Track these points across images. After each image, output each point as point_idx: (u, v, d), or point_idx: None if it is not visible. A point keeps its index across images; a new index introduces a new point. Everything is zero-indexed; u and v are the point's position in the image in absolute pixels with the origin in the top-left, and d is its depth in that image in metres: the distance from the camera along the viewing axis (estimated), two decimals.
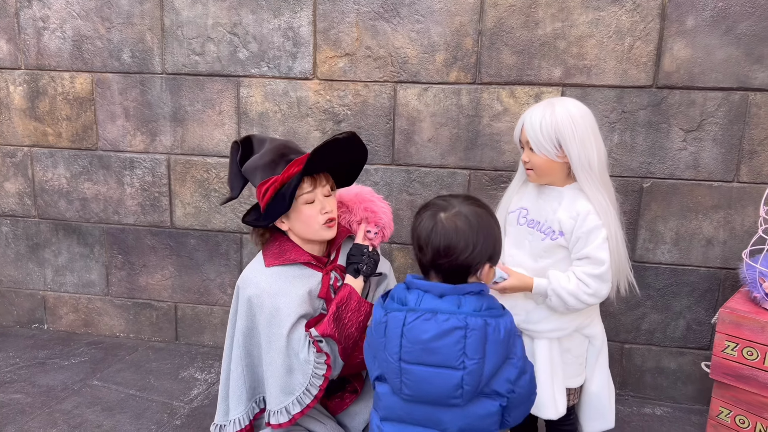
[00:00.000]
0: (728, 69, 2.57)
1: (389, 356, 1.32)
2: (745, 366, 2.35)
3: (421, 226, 1.39)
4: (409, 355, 1.30)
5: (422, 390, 1.31)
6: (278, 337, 1.69)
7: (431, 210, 1.41)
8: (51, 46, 3.15)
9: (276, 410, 1.70)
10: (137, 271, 3.36)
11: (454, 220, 1.36)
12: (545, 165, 1.80)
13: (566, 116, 1.73)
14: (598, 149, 1.77)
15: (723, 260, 2.73)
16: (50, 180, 3.32)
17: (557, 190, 1.85)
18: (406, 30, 2.79)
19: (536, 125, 1.75)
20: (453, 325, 1.28)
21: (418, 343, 1.29)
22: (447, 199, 1.43)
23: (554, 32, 2.66)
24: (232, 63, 2.99)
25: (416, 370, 1.30)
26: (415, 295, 1.35)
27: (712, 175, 2.67)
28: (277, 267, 1.75)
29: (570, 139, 1.73)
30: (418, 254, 1.41)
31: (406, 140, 2.90)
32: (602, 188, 1.79)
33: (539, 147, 1.77)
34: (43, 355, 3.21)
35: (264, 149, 1.71)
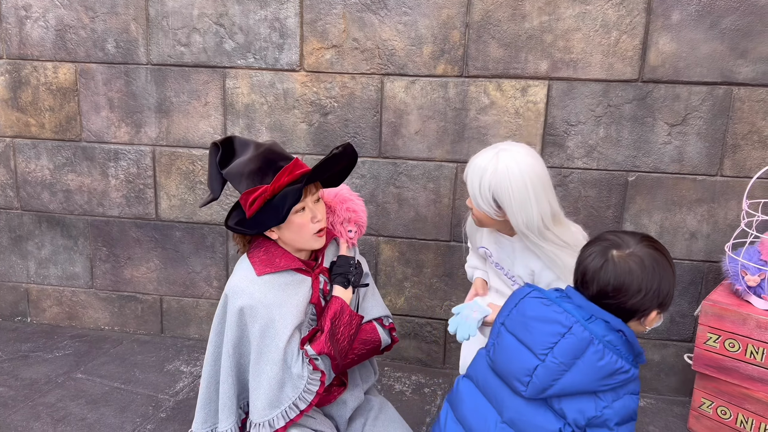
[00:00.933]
0: (713, 63, 2.59)
1: (499, 317, 1.42)
2: (727, 358, 2.39)
3: (590, 261, 1.34)
4: (510, 323, 1.38)
5: (501, 358, 1.38)
6: (272, 350, 1.66)
7: (602, 245, 1.35)
8: (33, 35, 3.11)
9: (259, 423, 1.67)
10: (122, 263, 3.33)
11: (628, 261, 1.30)
12: (487, 219, 1.77)
13: (505, 178, 1.64)
14: (540, 209, 1.66)
15: (706, 253, 2.75)
16: (33, 171, 3.28)
17: (508, 239, 1.83)
18: (393, 22, 2.78)
19: (476, 185, 1.69)
20: (558, 319, 1.30)
21: (522, 315, 1.36)
22: (621, 237, 1.36)
23: (541, 25, 2.67)
24: (218, 54, 2.97)
25: (507, 338, 1.38)
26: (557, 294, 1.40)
27: (696, 169, 2.69)
28: (269, 275, 1.71)
29: (507, 203, 1.66)
30: (578, 287, 1.37)
31: (393, 133, 2.90)
32: (545, 243, 1.70)
33: (478, 205, 1.72)
34: (27, 348, 3.18)
35: (249, 154, 1.64)
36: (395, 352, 3.12)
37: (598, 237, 1.39)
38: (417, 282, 3.04)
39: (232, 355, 1.73)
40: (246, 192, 1.60)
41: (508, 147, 1.71)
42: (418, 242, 2.99)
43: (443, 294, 3.02)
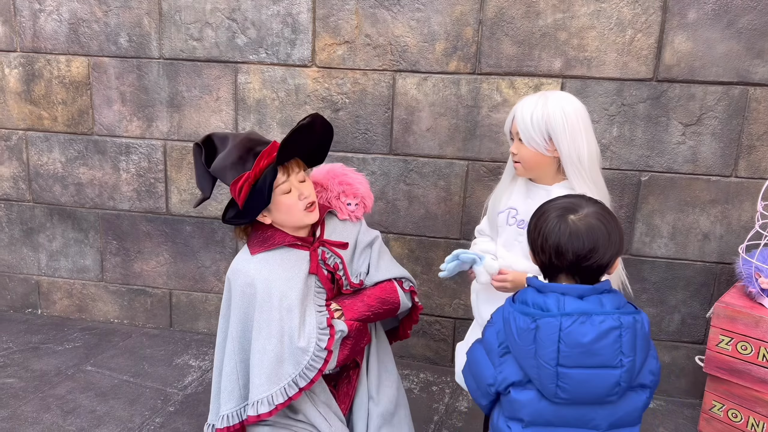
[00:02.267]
0: (729, 63, 2.56)
1: (543, 362, 1.29)
2: (739, 360, 2.36)
3: (555, 231, 1.34)
4: (568, 360, 1.28)
5: (580, 392, 1.31)
6: (271, 324, 1.66)
7: (557, 212, 1.37)
8: (47, 28, 3.12)
9: (257, 400, 1.64)
10: (132, 257, 3.35)
11: (590, 220, 1.34)
12: (534, 158, 1.75)
13: (558, 109, 1.69)
14: (588, 146, 1.72)
15: (719, 255, 2.73)
16: (45, 164, 3.30)
17: (545, 189, 1.80)
18: (406, 18, 2.77)
19: (527, 117, 1.71)
20: (609, 326, 1.28)
21: (578, 346, 1.27)
22: (562, 203, 1.39)
23: (555, 23, 2.65)
24: (230, 49, 2.97)
25: (575, 374, 1.29)
26: (554, 298, 1.32)
27: (710, 169, 2.66)
28: (263, 253, 1.74)
29: (560, 133, 1.69)
30: (552, 260, 1.36)
31: (405, 130, 2.89)
32: (592, 186, 1.75)
33: (529, 139, 1.72)
34: (37, 340, 3.20)
35: (228, 147, 1.67)
36: (403, 350, 3.11)
37: (541, 211, 1.41)
38: (426, 280, 3.03)
39: (237, 339, 1.73)
40: (233, 183, 1.62)
41: (553, 91, 1.78)
42: (427, 240, 2.99)
43: (452, 292, 3.01)
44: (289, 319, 1.67)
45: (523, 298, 1.38)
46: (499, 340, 1.40)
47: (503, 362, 1.38)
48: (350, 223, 1.89)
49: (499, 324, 1.41)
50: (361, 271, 1.86)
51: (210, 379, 2.82)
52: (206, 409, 2.57)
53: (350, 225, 1.89)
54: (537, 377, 1.32)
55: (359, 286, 1.85)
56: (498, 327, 1.41)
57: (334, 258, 1.80)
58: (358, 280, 1.85)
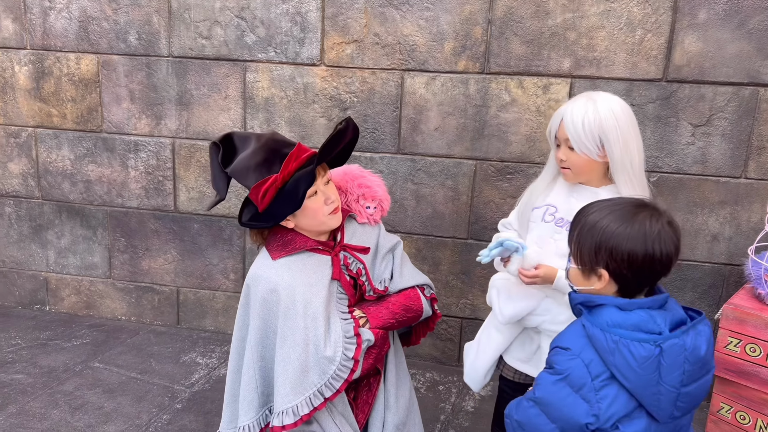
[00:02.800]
0: (739, 64, 2.55)
1: (668, 386, 1.20)
2: (748, 362, 2.35)
3: (665, 238, 1.23)
4: (689, 378, 1.21)
5: (690, 405, 1.25)
6: (296, 332, 1.61)
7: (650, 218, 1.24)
8: (57, 26, 3.13)
9: (282, 410, 1.59)
10: (140, 254, 3.36)
11: (670, 220, 1.26)
12: (585, 165, 1.70)
13: (610, 115, 1.64)
14: (638, 149, 1.68)
15: (728, 256, 2.72)
16: (54, 161, 3.32)
17: (592, 191, 1.75)
18: (415, 17, 2.77)
19: (578, 123, 1.65)
20: (709, 332, 1.24)
21: (698, 361, 1.22)
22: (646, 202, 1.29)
23: (564, 23, 2.64)
24: (239, 47, 2.97)
25: (692, 389, 1.23)
26: (646, 315, 1.22)
27: (720, 170, 2.65)
28: (285, 258, 1.68)
29: (614, 140, 1.64)
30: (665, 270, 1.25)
31: (413, 129, 2.89)
32: (640, 191, 1.69)
33: (580, 146, 1.67)
34: (45, 337, 3.21)
35: (252, 147, 1.61)
36: (410, 349, 3.10)
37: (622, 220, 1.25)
38: (433, 279, 3.00)
39: (256, 347, 1.68)
40: (256, 185, 1.56)
41: (597, 93, 1.72)
42: (435, 239, 2.98)
43: (459, 292, 3.00)
44: (314, 327, 1.62)
45: (612, 320, 1.23)
46: (594, 372, 1.23)
47: (605, 396, 1.23)
48: (369, 226, 1.85)
49: (587, 355, 1.24)
50: (385, 277, 1.82)
51: (217, 377, 2.83)
52: (213, 407, 2.59)
53: (369, 229, 1.85)
54: (655, 404, 1.21)
55: (383, 293, 1.80)
56: (587, 358, 1.24)
57: (357, 263, 1.75)
58: (383, 286, 1.80)
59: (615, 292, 1.28)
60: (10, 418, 2.47)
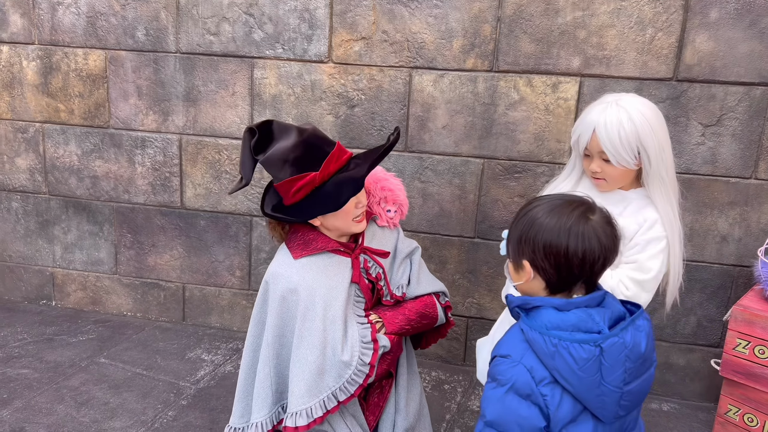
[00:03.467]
0: (751, 63, 2.52)
1: (611, 387, 1.17)
2: (757, 364, 2.34)
3: (584, 235, 1.20)
4: (631, 375, 1.19)
5: (634, 402, 1.23)
6: (313, 334, 1.60)
7: (574, 214, 1.22)
8: (65, 21, 3.13)
9: (296, 411, 1.58)
10: (146, 250, 3.36)
11: (607, 217, 1.25)
12: (621, 175, 1.68)
13: (645, 121, 1.61)
14: (670, 151, 1.67)
15: (737, 257, 2.70)
16: (61, 157, 3.32)
17: (621, 194, 1.74)
18: (423, 15, 2.75)
19: (614, 136, 1.60)
20: (648, 327, 1.22)
21: (639, 358, 1.20)
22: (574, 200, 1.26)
23: (574, 21, 2.63)
24: (247, 44, 2.97)
25: (634, 386, 1.21)
26: (585, 314, 1.19)
27: (730, 170, 2.63)
28: (306, 258, 1.66)
29: (650, 147, 1.62)
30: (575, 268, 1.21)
31: (420, 127, 2.87)
32: (674, 199, 1.69)
33: (618, 159, 1.63)
34: (51, 332, 3.22)
35: (293, 140, 1.57)
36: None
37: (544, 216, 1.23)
38: (439, 278, 3.00)
39: (272, 345, 1.66)
40: (290, 179, 1.55)
41: (622, 96, 1.67)
42: (441, 238, 2.97)
43: (465, 291, 2.99)
44: (332, 330, 1.61)
45: (550, 322, 1.19)
46: (537, 378, 1.19)
47: (550, 401, 1.19)
48: (388, 230, 1.84)
49: (529, 360, 1.20)
50: (402, 283, 1.81)
51: (222, 374, 2.83)
52: (218, 404, 2.59)
53: (388, 232, 1.84)
54: (600, 405, 1.19)
55: (401, 299, 1.79)
56: (529, 363, 1.20)
57: (377, 267, 1.74)
58: (401, 292, 1.79)
59: (544, 289, 1.26)
60: (16, 412, 2.47)
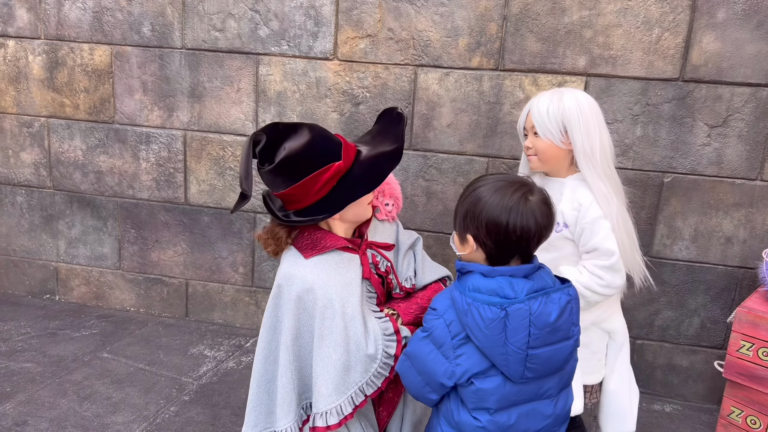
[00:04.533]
0: (757, 64, 2.51)
1: (514, 347, 1.30)
2: (760, 366, 2.33)
3: (521, 211, 1.31)
4: (537, 341, 1.31)
5: (544, 368, 1.34)
6: (334, 331, 1.58)
7: (514, 192, 1.33)
8: (71, 16, 3.13)
9: (326, 411, 1.56)
10: (150, 246, 3.36)
11: (544, 198, 1.36)
12: (549, 150, 1.79)
13: (574, 104, 1.75)
14: (601, 140, 1.77)
15: (742, 259, 2.69)
16: (66, 151, 3.32)
17: (559, 182, 1.84)
18: (429, 13, 2.75)
19: (543, 109, 1.77)
20: (566, 300, 1.33)
21: (546, 326, 1.31)
22: (514, 179, 1.37)
23: (581, 20, 2.62)
24: (252, 40, 2.96)
25: (542, 352, 1.32)
26: (506, 282, 1.32)
27: (735, 172, 2.62)
28: (317, 257, 1.63)
29: (575, 125, 1.74)
30: (512, 241, 1.32)
31: (425, 125, 2.87)
32: (605, 179, 1.78)
33: (544, 131, 1.77)
34: (54, 326, 3.22)
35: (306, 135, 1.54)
36: None
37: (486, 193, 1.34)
38: None
39: (291, 347, 1.62)
40: (311, 177, 1.51)
41: (568, 88, 1.83)
42: (445, 236, 2.97)
43: None
44: (353, 326, 1.59)
45: (473, 284, 1.33)
46: (453, 332, 1.35)
47: (461, 354, 1.35)
48: (387, 223, 1.84)
49: (449, 315, 1.36)
50: (409, 275, 1.81)
51: (225, 370, 2.84)
52: (220, 399, 2.59)
53: (388, 225, 1.84)
54: (505, 363, 1.32)
55: (411, 290, 1.79)
56: (449, 318, 1.36)
57: (385, 262, 1.74)
58: (410, 284, 1.79)
59: (485, 260, 1.38)
60: (19, 406, 2.48)
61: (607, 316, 1.87)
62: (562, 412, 1.44)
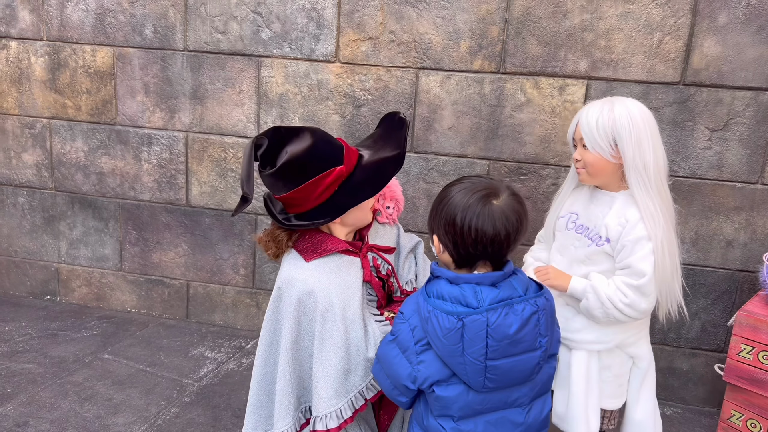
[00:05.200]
0: (759, 68, 2.52)
1: (471, 358, 1.28)
2: (761, 370, 2.33)
3: (482, 215, 1.29)
4: (495, 352, 1.28)
5: (506, 378, 1.32)
6: (335, 335, 1.57)
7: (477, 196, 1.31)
8: (74, 18, 3.14)
9: (326, 414, 1.56)
10: (151, 247, 3.37)
11: (512, 203, 1.33)
12: (598, 164, 1.71)
13: (625, 115, 1.66)
14: (655, 153, 1.67)
15: (742, 262, 2.69)
16: (68, 153, 3.33)
17: (610, 195, 1.76)
18: (431, 16, 2.76)
19: (592, 121, 1.68)
20: (530, 312, 1.29)
21: (505, 338, 1.28)
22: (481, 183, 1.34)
23: (582, 24, 2.62)
24: (254, 42, 2.97)
25: (502, 364, 1.30)
26: (470, 290, 1.30)
27: (736, 175, 2.63)
28: (318, 260, 1.62)
29: (626, 139, 1.65)
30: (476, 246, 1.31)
31: (426, 128, 2.88)
32: (656, 196, 1.68)
33: (593, 144, 1.68)
34: (55, 327, 3.23)
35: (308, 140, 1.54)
36: None
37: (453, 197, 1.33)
38: None
39: (291, 350, 1.62)
40: (313, 181, 1.51)
41: (618, 97, 1.74)
42: None
43: None
44: (353, 329, 1.60)
45: (438, 291, 1.33)
46: (416, 337, 1.35)
47: (423, 360, 1.35)
48: (388, 226, 1.84)
49: (414, 320, 1.36)
50: (410, 278, 1.81)
51: (225, 372, 2.84)
52: (221, 401, 2.59)
53: (389, 229, 1.84)
54: (464, 372, 1.31)
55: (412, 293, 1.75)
56: (413, 323, 1.36)
57: (386, 265, 1.74)
58: (411, 287, 1.79)
59: (452, 263, 1.38)
60: (20, 407, 2.48)
61: (633, 341, 1.82)
62: (535, 421, 1.41)
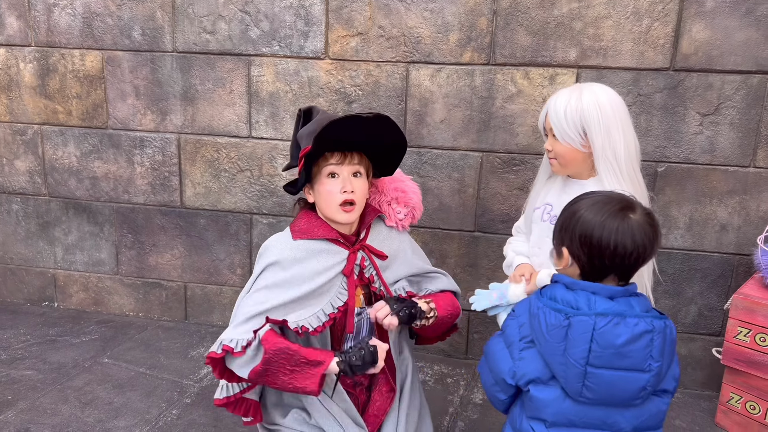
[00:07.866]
0: (747, 52, 2.52)
1: (573, 360, 1.27)
2: (758, 352, 2.34)
3: (620, 230, 1.27)
4: (598, 360, 1.26)
5: (607, 393, 1.29)
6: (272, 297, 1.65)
7: (614, 210, 1.29)
8: (61, 22, 3.13)
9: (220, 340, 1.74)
10: (147, 250, 3.36)
11: (648, 219, 1.30)
12: (569, 154, 1.71)
13: (593, 103, 1.64)
14: (626, 140, 1.66)
15: (737, 246, 2.70)
16: (60, 158, 3.32)
17: (580, 183, 1.75)
18: (419, 9, 2.75)
19: (560, 111, 1.67)
20: (643, 329, 1.26)
21: (610, 347, 1.25)
22: (620, 198, 1.33)
23: (570, 12, 2.62)
24: (244, 42, 2.96)
25: (604, 374, 1.27)
26: (584, 297, 1.29)
27: (728, 159, 2.63)
28: (304, 241, 1.70)
29: (595, 128, 1.64)
30: (607, 260, 1.29)
31: (418, 122, 2.88)
32: (629, 183, 1.68)
33: (563, 135, 1.68)
34: (54, 333, 3.23)
35: (314, 119, 1.70)
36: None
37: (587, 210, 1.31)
38: None
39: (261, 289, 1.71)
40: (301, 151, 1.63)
41: (587, 83, 1.72)
42: (441, 232, 2.98)
43: (467, 284, 3.00)
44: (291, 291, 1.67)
45: (552, 293, 1.34)
46: (522, 333, 1.37)
47: (524, 357, 1.35)
48: (395, 231, 1.83)
49: (523, 317, 1.38)
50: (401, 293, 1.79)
51: None
52: None
53: (396, 233, 1.83)
54: (563, 375, 1.29)
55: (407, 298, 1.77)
56: (522, 320, 1.38)
57: (371, 269, 1.75)
58: (405, 293, 1.79)
59: (579, 275, 1.36)
60: (20, 413, 2.48)
61: None
62: None
